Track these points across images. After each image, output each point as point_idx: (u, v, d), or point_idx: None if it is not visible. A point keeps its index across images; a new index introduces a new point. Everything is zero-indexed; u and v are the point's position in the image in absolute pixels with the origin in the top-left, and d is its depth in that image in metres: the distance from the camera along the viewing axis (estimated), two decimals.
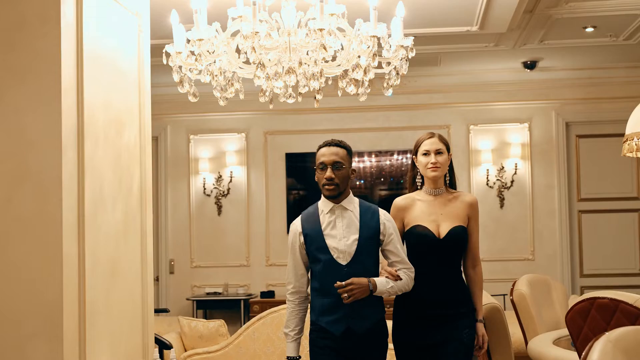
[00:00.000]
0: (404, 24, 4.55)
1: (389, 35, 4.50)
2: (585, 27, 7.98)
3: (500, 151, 10.20)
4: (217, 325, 6.47)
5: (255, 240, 10.44)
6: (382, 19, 4.41)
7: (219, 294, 10.25)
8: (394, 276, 4.16)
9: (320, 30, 4.13)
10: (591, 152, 10.08)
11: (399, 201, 4.52)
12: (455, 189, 4.55)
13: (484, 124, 10.27)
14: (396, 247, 4.21)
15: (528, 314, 6.29)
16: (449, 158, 4.49)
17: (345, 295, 3.99)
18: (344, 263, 4.11)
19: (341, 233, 4.16)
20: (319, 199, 4.32)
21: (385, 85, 4.60)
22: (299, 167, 10.38)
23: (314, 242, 4.18)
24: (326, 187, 4.14)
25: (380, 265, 4.27)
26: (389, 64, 4.57)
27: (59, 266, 3.37)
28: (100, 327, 3.74)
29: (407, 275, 4.21)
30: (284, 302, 7.10)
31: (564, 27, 7.90)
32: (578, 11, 7.36)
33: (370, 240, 4.16)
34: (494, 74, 10.01)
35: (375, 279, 4.11)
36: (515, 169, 10.18)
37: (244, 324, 9.50)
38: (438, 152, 4.42)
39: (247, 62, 4.52)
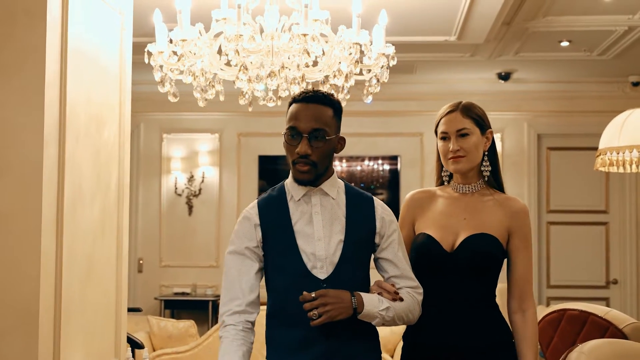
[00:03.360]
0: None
1: (371, 43, 4.53)
2: (561, 41, 8.07)
3: None
4: (187, 325, 6.46)
5: (226, 241, 10.41)
6: (363, 25, 4.44)
7: (187, 294, 10.22)
8: (392, 293, 2.82)
9: (304, 35, 4.16)
10: (561, 165, 10.18)
11: (413, 195, 3.22)
12: (501, 189, 3.14)
13: None
14: (397, 254, 2.88)
15: None
16: (483, 140, 3.09)
17: (315, 312, 2.65)
18: (322, 276, 2.76)
19: (320, 231, 2.80)
20: None
21: (365, 92, 4.63)
22: (272, 169, 10.38)
23: (277, 241, 2.82)
24: (298, 166, 2.79)
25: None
26: (369, 71, 4.60)
27: (36, 262, 3.35)
28: (75, 325, 3.73)
29: (411, 296, 2.86)
30: None
31: (540, 40, 7.99)
32: (554, 25, 7.45)
33: (361, 243, 2.84)
34: (469, 83, 10.09)
35: (363, 293, 2.76)
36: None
37: (212, 325, 9.51)
38: (462, 134, 3.05)
39: (228, 63, 4.54)
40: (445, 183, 3.22)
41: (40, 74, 3.40)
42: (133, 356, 4.13)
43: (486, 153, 3.10)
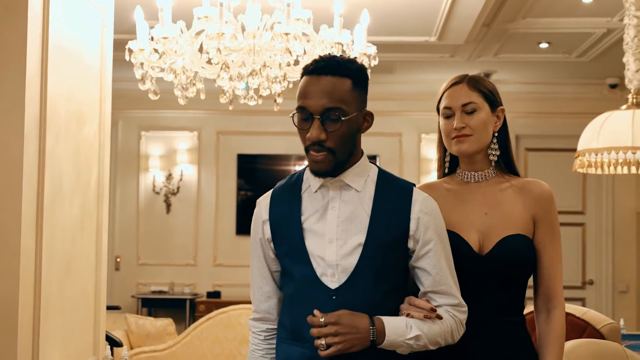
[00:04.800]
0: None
1: (352, 42, 4.54)
2: (540, 43, 8.11)
3: None
4: (165, 324, 6.44)
5: (203, 240, 10.39)
6: (344, 25, 4.45)
7: (165, 292, 10.18)
8: (427, 311, 2.28)
9: (286, 34, 4.16)
10: (539, 166, 10.23)
11: None
12: (514, 172, 2.67)
13: (436, 133, 10.32)
14: (438, 263, 2.31)
15: None
16: (493, 119, 2.61)
17: (322, 343, 2.20)
18: (333, 285, 2.29)
19: (333, 231, 2.30)
20: None
21: None
22: (251, 168, 10.37)
23: (284, 240, 2.38)
24: (312, 154, 2.29)
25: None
26: None
27: (16, 259, 3.34)
28: (54, 322, 3.71)
29: (451, 315, 2.33)
30: (230, 303, 7.13)
31: (519, 41, 8.03)
32: (534, 27, 7.49)
33: (389, 248, 2.30)
34: None
35: (386, 318, 2.25)
36: None
37: (189, 323, 9.50)
38: (468, 110, 2.58)
39: (209, 62, 4.53)
40: (446, 173, 2.72)
41: (21, 70, 3.38)
42: (112, 354, 4.10)
43: (496, 134, 2.61)
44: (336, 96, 2.25)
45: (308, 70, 2.31)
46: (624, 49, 5.52)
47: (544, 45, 8.17)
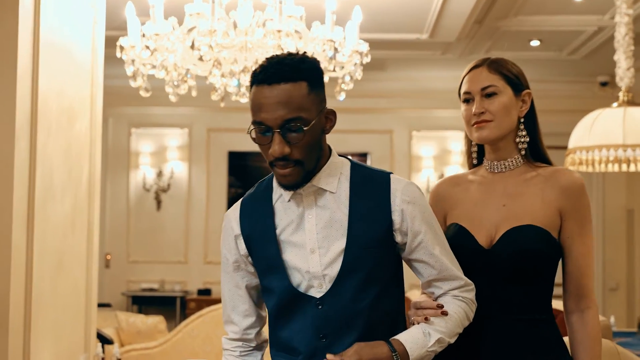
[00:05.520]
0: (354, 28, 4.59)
1: (344, 39, 4.53)
2: (531, 40, 8.12)
3: (442, 158, 10.32)
4: (156, 321, 6.43)
5: (194, 237, 10.38)
6: (335, 22, 4.44)
7: (155, 290, 10.17)
8: (435, 309, 2.16)
9: (278, 31, 4.15)
10: None
11: (438, 186, 2.55)
12: (544, 160, 2.46)
13: (427, 130, 10.38)
14: (434, 252, 2.16)
15: None
16: (518, 103, 2.43)
17: None
18: (317, 294, 2.13)
19: (314, 239, 2.13)
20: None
21: (337, 89, 4.63)
22: (241, 165, 10.35)
23: (261, 255, 2.20)
24: (278, 169, 2.09)
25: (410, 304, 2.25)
26: (342, 67, 4.60)
27: (7, 256, 3.32)
28: (45, 319, 3.70)
29: (460, 299, 2.20)
30: (220, 301, 7.06)
31: (511, 39, 8.03)
32: (525, 24, 7.50)
33: (372, 247, 2.12)
34: (439, 81, 10.11)
35: (402, 335, 2.11)
36: None
37: (180, 321, 9.48)
38: (488, 94, 2.39)
39: (200, 58, 4.52)
40: (475, 164, 2.55)
41: (12, 65, 3.36)
42: (103, 352, 4.09)
43: (522, 120, 2.43)
44: (294, 105, 2.03)
45: (258, 79, 2.06)
46: (615, 47, 5.53)
47: (535, 42, 8.18)
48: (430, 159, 10.32)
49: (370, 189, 2.16)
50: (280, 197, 2.18)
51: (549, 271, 2.35)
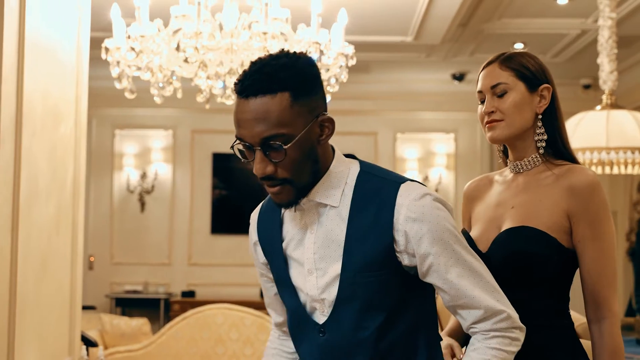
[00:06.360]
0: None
1: (330, 41, 4.54)
2: (515, 43, 8.16)
3: (426, 160, 10.35)
4: (140, 323, 6.41)
5: (178, 239, 10.36)
6: (321, 24, 4.45)
7: (139, 292, 10.14)
8: None
9: (264, 33, 4.15)
10: None
11: (468, 186, 2.47)
12: (569, 158, 2.31)
13: (411, 132, 10.41)
14: (445, 277, 1.85)
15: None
16: (534, 99, 2.27)
17: None
18: (320, 320, 1.95)
19: (311, 259, 1.93)
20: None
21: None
22: (226, 167, 10.34)
23: (274, 268, 2.05)
24: (267, 188, 1.89)
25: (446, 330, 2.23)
26: (327, 70, 4.61)
27: None
28: (30, 322, 3.68)
29: (486, 348, 1.88)
30: (205, 303, 7.09)
31: (495, 42, 8.07)
32: (509, 27, 7.54)
33: (372, 271, 1.87)
34: (423, 84, 10.15)
35: None
36: (440, 179, 10.34)
37: (164, 323, 9.45)
38: (497, 93, 2.26)
39: (186, 60, 4.51)
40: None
41: None
42: (87, 354, 4.07)
43: (540, 116, 2.28)
44: (272, 121, 1.80)
45: (237, 91, 1.86)
46: (598, 50, 5.56)
47: (519, 45, 8.22)
48: (415, 161, 10.35)
49: (374, 202, 1.88)
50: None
51: (553, 274, 2.21)
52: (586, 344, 2.29)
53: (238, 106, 1.85)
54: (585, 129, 5.46)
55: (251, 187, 9.98)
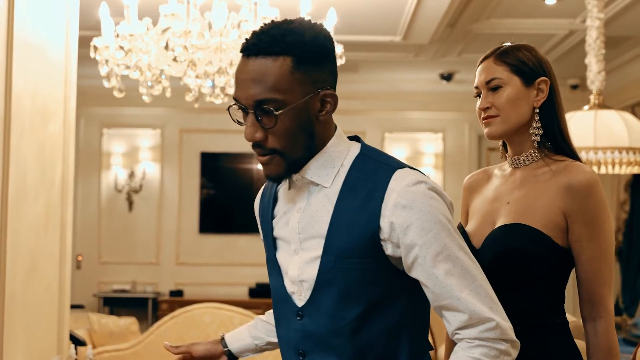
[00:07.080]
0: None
1: None
2: (503, 43, 8.16)
3: (414, 160, 10.36)
4: (128, 322, 6.40)
5: (166, 238, 10.34)
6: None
7: (127, 291, 10.12)
8: None
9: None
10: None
11: (467, 179, 2.45)
12: (569, 154, 2.25)
13: (399, 132, 10.43)
14: (430, 272, 1.74)
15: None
16: (531, 93, 2.24)
17: None
18: (299, 303, 1.87)
19: (296, 238, 1.86)
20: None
21: None
22: (214, 166, 10.33)
23: (265, 243, 1.99)
24: (258, 158, 1.82)
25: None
26: None
27: None
28: (18, 321, 3.67)
29: (467, 357, 1.75)
30: (193, 302, 7.08)
31: (483, 42, 8.08)
32: (497, 27, 7.55)
33: (353, 257, 1.78)
34: (411, 83, 10.16)
35: None
36: None
37: (152, 322, 9.44)
38: (492, 87, 2.25)
39: (175, 59, 4.51)
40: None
41: None
42: (76, 353, 4.07)
43: (537, 110, 2.24)
44: (269, 84, 1.73)
45: (242, 49, 1.79)
46: (586, 50, 5.58)
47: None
48: (403, 160, 10.35)
49: (366, 186, 1.79)
50: (284, 183, 1.93)
51: (547, 273, 2.15)
52: (579, 343, 2.27)
53: (239, 65, 1.79)
54: (572, 130, 5.41)
55: (239, 187, 10.00)
